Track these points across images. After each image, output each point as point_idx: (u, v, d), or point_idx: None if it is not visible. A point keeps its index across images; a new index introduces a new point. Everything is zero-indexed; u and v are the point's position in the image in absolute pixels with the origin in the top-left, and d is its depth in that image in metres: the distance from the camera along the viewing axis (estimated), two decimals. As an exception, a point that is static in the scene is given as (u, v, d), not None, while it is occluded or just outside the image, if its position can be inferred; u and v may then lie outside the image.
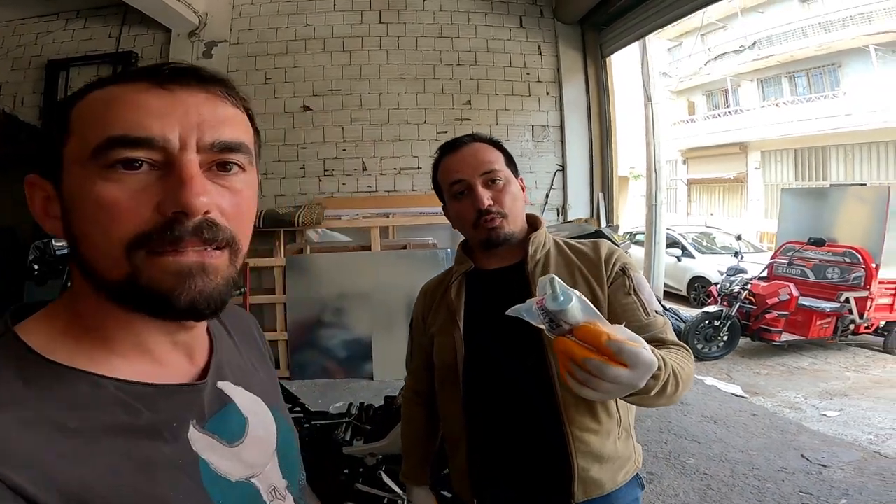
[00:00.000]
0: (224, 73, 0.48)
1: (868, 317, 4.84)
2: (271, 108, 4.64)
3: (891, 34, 12.10)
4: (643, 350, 0.59)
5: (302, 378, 4.01)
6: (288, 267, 4.25)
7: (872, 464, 2.66)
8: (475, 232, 0.98)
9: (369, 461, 1.48)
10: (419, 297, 1.12)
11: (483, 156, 0.98)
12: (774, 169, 15.49)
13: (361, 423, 1.65)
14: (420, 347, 1.09)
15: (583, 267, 0.98)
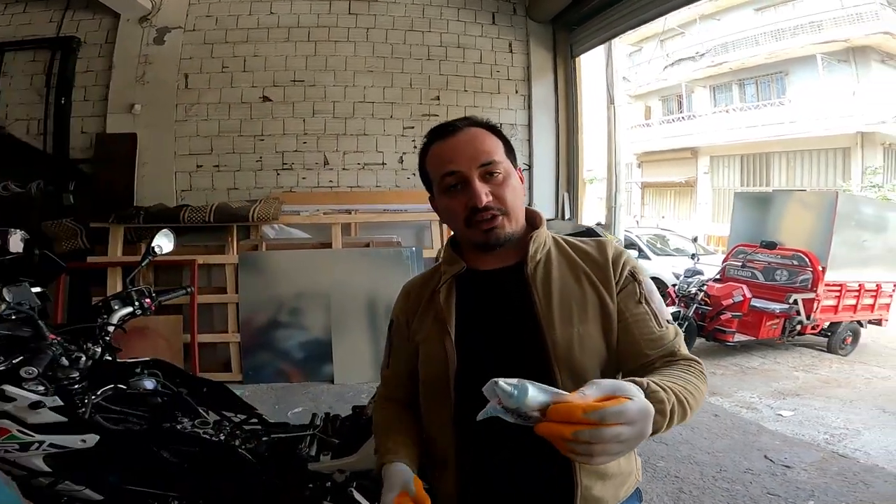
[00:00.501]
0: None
1: (814, 318, 5.08)
2: (227, 97, 4.37)
3: (838, 43, 12.86)
4: (629, 402, 0.56)
5: (256, 382, 3.77)
6: (241, 264, 3.98)
7: (833, 464, 2.75)
8: (469, 231, 0.86)
9: (338, 478, 1.33)
10: (400, 297, 1.00)
11: (481, 144, 0.85)
12: (722, 174, 16.25)
13: (328, 435, 1.48)
14: (400, 353, 0.97)
15: (588, 269, 0.88)
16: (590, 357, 0.82)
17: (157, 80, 4.26)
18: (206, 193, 4.35)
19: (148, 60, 4.26)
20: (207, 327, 3.94)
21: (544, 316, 0.82)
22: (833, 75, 13.23)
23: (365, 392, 3.58)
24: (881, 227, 5.67)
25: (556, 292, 0.84)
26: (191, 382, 1.58)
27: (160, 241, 1.77)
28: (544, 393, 0.57)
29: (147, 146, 4.24)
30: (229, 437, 1.35)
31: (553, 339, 0.81)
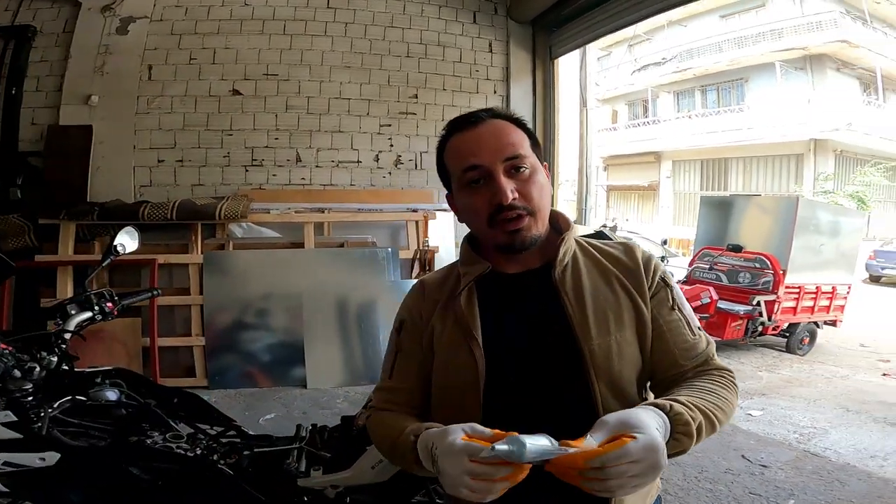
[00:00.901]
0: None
1: (775, 319, 5.27)
2: (194, 90, 4.17)
3: (796, 50, 13.49)
4: (630, 444, 0.57)
5: (223, 387, 3.57)
6: (206, 264, 3.78)
7: (807, 463, 2.81)
8: (492, 232, 0.79)
9: (329, 493, 1.24)
10: (415, 294, 0.90)
11: (506, 137, 0.79)
12: (683, 178, 16.85)
13: (317, 448, 1.38)
14: (410, 359, 0.86)
15: (619, 274, 0.82)
16: (627, 366, 0.77)
17: (117, 71, 4.02)
18: (168, 189, 4.13)
19: (109, 51, 4.01)
20: (169, 330, 3.72)
21: (578, 324, 0.77)
22: (790, 83, 13.90)
23: (340, 397, 3.46)
24: (835, 232, 5.95)
25: (588, 299, 0.79)
26: (159, 393, 1.45)
27: (123, 238, 1.62)
28: (542, 446, 0.58)
29: (103, 139, 3.98)
30: (206, 451, 1.23)
31: (590, 348, 0.76)
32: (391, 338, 0.91)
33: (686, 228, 13.17)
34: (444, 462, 0.62)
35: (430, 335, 0.84)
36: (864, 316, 6.96)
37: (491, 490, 0.59)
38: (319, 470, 1.26)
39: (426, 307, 0.87)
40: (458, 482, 0.60)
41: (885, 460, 2.87)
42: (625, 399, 0.76)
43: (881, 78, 13.66)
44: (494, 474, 0.59)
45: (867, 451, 3.00)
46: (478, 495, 0.60)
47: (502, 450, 0.57)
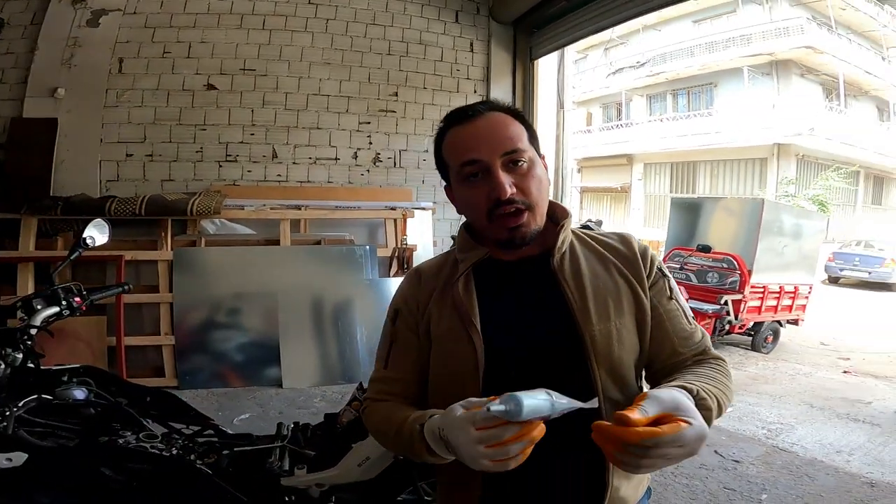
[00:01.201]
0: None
1: (741, 318, 5.44)
2: (167, 84, 4.05)
3: (764, 56, 13.95)
4: (687, 429, 0.57)
5: (194, 388, 3.46)
6: (176, 261, 3.66)
7: (777, 458, 2.90)
8: (491, 226, 0.80)
9: (314, 492, 1.22)
10: (409, 282, 0.89)
11: (504, 130, 0.79)
12: (654, 181, 17.25)
13: (300, 447, 1.36)
14: (406, 348, 0.84)
15: (617, 262, 0.84)
16: (627, 352, 0.79)
17: (86, 63, 3.87)
18: (136, 184, 4.00)
19: (78, 43, 3.85)
20: (136, 329, 3.60)
21: (579, 310, 0.78)
22: (757, 88, 14.38)
23: (318, 397, 3.41)
24: (798, 234, 6.18)
25: (588, 285, 0.80)
26: (131, 391, 1.41)
27: (92, 232, 1.57)
28: (540, 401, 0.57)
29: (69, 132, 3.83)
30: (183, 451, 1.20)
31: (591, 334, 0.76)
32: (385, 327, 0.89)
33: (656, 230, 13.48)
34: (454, 439, 0.61)
35: (426, 323, 0.83)
36: (824, 315, 7.24)
37: (508, 453, 0.58)
38: (304, 469, 1.24)
39: (422, 295, 0.85)
40: (473, 454, 0.59)
41: (851, 455, 2.98)
42: (624, 385, 0.78)
43: (843, 84, 14.25)
44: (503, 435, 0.57)
45: (832, 446, 3.11)
46: (499, 463, 0.59)
47: (498, 409, 0.56)
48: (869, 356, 5.56)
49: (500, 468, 0.59)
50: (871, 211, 16.57)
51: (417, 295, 0.86)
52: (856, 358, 5.50)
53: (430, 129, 4.63)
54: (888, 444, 3.17)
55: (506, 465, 0.59)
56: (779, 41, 13.54)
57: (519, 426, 0.57)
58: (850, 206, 15.69)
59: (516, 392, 0.56)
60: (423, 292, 0.86)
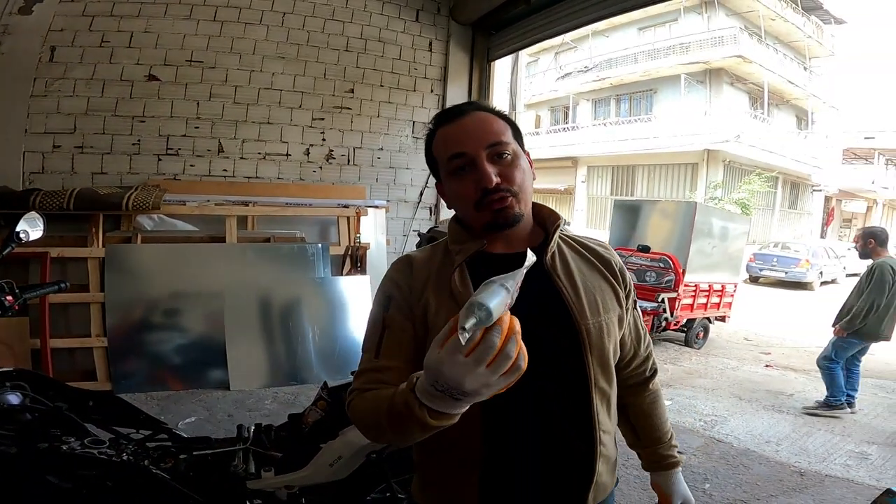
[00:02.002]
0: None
1: (676, 315, 5.79)
2: (103, 73, 3.79)
3: (700, 64, 14.81)
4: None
5: (130, 391, 3.23)
6: (108, 259, 3.43)
7: (714, 449, 3.11)
8: (478, 214, 0.83)
9: (282, 494, 1.19)
10: (402, 269, 0.87)
11: (488, 125, 0.84)
12: (596, 183, 17.96)
13: (265, 449, 1.32)
14: (400, 336, 0.81)
15: (600, 265, 0.91)
16: (611, 343, 0.86)
17: (14, 51, 3.56)
18: (63, 177, 3.72)
19: (7, 31, 3.53)
20: (62, 331, 3.36)
21: (575, 305, 0.83)
22: (692, 95, 15.28)
23: (268, 398, 3.32)
24: (725, 236, 6.66)
25: (580, 283, 0.86)
26: (71, 395, 1.32)
27: (25, 226, 1.47)
28: (500, 295, 0.55)
29: (-9, 122, 3.50)
30: (135, 456, 1.14)
31: (587, 327, 0.82)
32: (375, 316, 0.85)
33: (599, 231, 14.07)
34: (455, 380, 0.55)
35: (423, 309, 0.83)
36: (747, 313, 7.81)
37: (510, 355, 0.54)
38: (271, 471, 1.21)
39: (416, 282, 0.85)
40: (482, 381, 0.54)
41: (779, 445, 3.24)
42: (609, 375, 0.86)
43: (767, 93, 15.40)
44: (494, 343, 0.53)
45: (762, 436, 3.37)
46: (511, 371, 0.55)
47: (471, 323, 0.52)
48: (787, 351, 6.08)
49: (517, 375, 0.56)
50: (788, 214, 18.10)
51: (411, 282, 0.85)
52: (775, 353, 6.00)
53: (385, 127, 4.61)
54: (811, 434, 3.47)
55: (518, 370, 0.56)
56: (713, 50, 14.44)
57: (498, 326, 0.54)
58: (770, 210, 17.01)
59: (471, 299, 0.53)
60: (416, 279, 0.85)
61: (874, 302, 3.68)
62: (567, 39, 16.27)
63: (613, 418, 0.90)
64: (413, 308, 0.83)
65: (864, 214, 21.17)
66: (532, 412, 0.80)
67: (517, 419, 0.80)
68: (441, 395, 0.58)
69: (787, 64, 16.12)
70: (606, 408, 0.86)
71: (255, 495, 1.14)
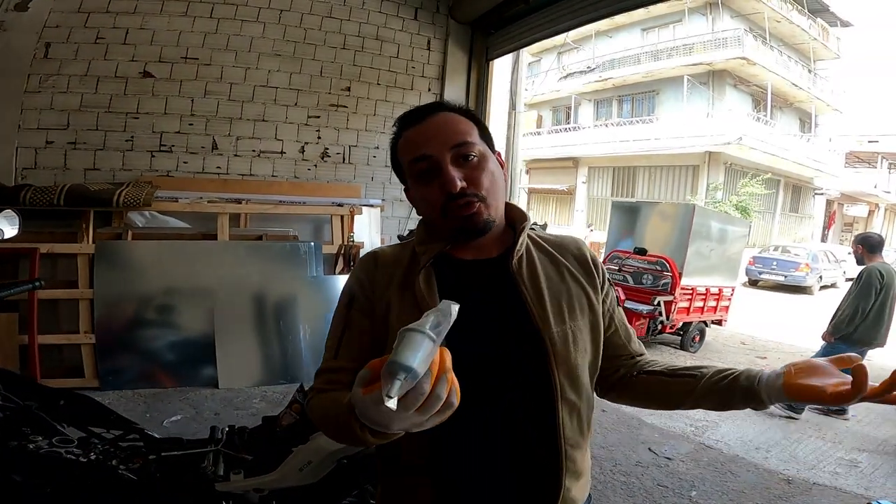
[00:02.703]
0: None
1: (672, 318, 5.77)
2: (97, 70, 3.77)
3: (703, 66, 14.73)
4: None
5: (118, 388, 3.26)
6: (98, 255, 3.42)
7: (703, 455, 3.09)
8: (445, 221, 0.80)
9: (253, 497, 1.18)
10: (366, 266, 0.85)
11: (453, 126, 0.80)
12: (597, 184, 17.93)
13: (236, 451, 1.31)
14: (360, 336, 0.80)
15: (571, 267, 0.86)
16: (581, 354, 0.82)
17: (8, 47, 3.55)
18: (56, 173, 3.71)
19: (3, 27, 3.53)
20: (51, 327, 3.35)
21: (538, 313, 0.79)
22: (695, 97, 15.22)
23: (257, 397, 3.31)
24: (723, 239, 6.64)
25: (545, 288, 0.82)
26: (43, 394, 1.32)
27: (1, 223, 1.45)
28: (425, 348, 0.50)
29: (-17, 118, 3.50)
30: (103, 456, 1.13)
31: (551, 336, 0.78)
32: (337, 315, 0.84)
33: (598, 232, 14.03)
34: (381, 422, 0.53)
35: (385, 308, 0.80)
36: (745, 316, 7.79)
37: (441, 397, 0.51)
38: (240, 473, 1.19)
39: (380, 279, 0.83)
40: (411, 424, 0.53)
41: (769, 452, 3.22)
42: (579, 387, 0.81)
43: (771, 95, 15.30)
44: (424, 390, 0.50)
45: (752, 442, 3.35)
46: (442, 411, 0.53)
47: (397, 389, 0.48)
48: (783, 355, 6.06)
49: (449, 412, 0.54)
50: (789, 218, 18.04)
51: (374, 279, 0.83)
52: (772, 357, 5.98)
53: (381, 125, 4.58)
54: (802, 440, 3.46)
55: (451, 407, 0.53)
56: (717, 52, 14.37)
57: (428, 370, 0.50)
58: (771, 213, 16.97)
59: (392, 358, 0.49)
60: (380, 276, 0.83)
61: (859, 307, 3.68)
62: (569, 40, 16.25)
63: (585, 431, 0.85)
64: (375, 307, 0.81)
65: (865, 219, 21.09)
66: (500, 425, 0.77)
67: (472, 425, 0.76)
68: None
69: (792, 66, 16.04)
70: (577, 421, 0.81)
71: (223, 497, 1.13)
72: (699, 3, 15.14)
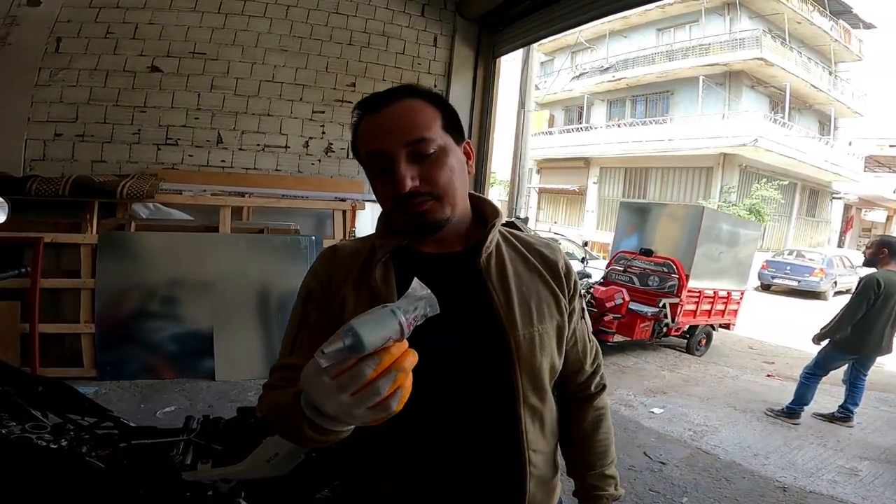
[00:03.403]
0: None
1: (678, 321, 5.69)
2: (106, 64, 3.83)
3: (719, 66, 14.47)
4: None
5: (115, 378, 3.29)
6: (101, 245, 3.46)
7: (699, 461, 3.03)
8: (397, 217, 0.78)
9: (222, 487, 1.17)
10: (324, 261, 0.83)
11: (412, 118, 0.75)
12: (608, 184, 17.76)
13: (207, 441, 1.31)
14: (315, 333, 0.77)
15: (541, 269, 0.84)
16: (546, 358, 0.79)
17: (20, 42, 3.62)
18: (63, 165, 3.78)
19: (15, 22, 3.60)
20: (53, 316, 3.40)
21: (505, 314, 0.77)
22: (710, 98, 14.98)
23: (252, 390, 3.34)
24: (734, 242, 6.52)
25: (514, 288, 0.79)
26: (21, 380, 1.33)
27: (-16, 211, 1.48)
28: (384, 328, 0.49)
29: (-7, 110, 3.57)
30: (73, 443, 1.15)
31: (516, 338, 0.76)
32: (295, 311, 0.82)
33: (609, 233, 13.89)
34: (318, 399, 0.52)
35: (340, 304, 0.78)
36: (755, 321, 7.67)
37: (379, 392, 0.49)
38: (208, 463, 1.19)
39: (337, 274, 0.81)
40: (343, 408, 0.51)
41: (767, 458, 3.16)
42: (541, 390, 0.79)
43: (789, 97, 14.98)
44: (364, 373, 0.48)
45: (751, 448, 3.29)
46: (378, 408, 0.51)
47: (334, 350, 0.48)
48: (792, 361, 5.94)
49: (383, 414, 0.51)
50: (805, 222, 17.70)
51: (331, 274, 0.81)
52: (780, 362, 5.87)
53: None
54: (802, 447, 3.39)
55: (387, 409, 0.51)
56: (735, 52, 14.11)
57: (377, 356, 0.49)
58: (786, 217, 16.65)
59: (353, 319, 0.49)
60: (337, 271, 0.81)
61: (847, 316, 3.62)
62: (583, 40, 16.10)
63: (549, 437, 0.83)
64: (330, 304, 0.79)
65: (884, 224, 20.61)
66: (469, 421, 0.75)
67: (452, 427, 0.75)
68: (316, 409, 0.54)
69: (812, 68, 15.70)
70: (539, 426, 0.80)
71: (188, 487, 1.13)
72: (716, 4, 14.89)
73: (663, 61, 15.53)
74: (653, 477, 2.76)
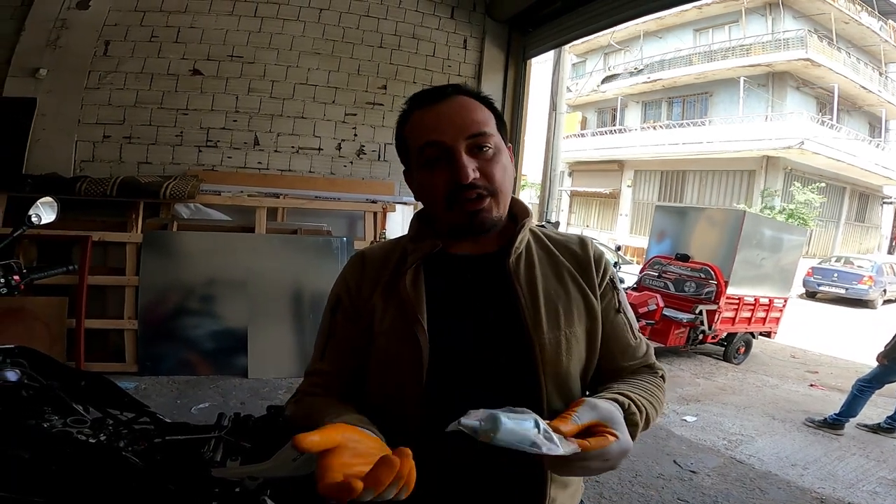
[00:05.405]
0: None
1: (715, 328, 5.49)
2: (151, 67, 3.99)
3: (761, 67, 13.93)
4: (613, 444, 0.60)
5: (154, 374, 3.40)
6: (146, 244, 3.59)
7: (732, 470, 2.92)
8: (449, 214, 0.75)
9: (249, 485, 1.18)
10: (354, 267, 0.82)
11: (471, 114, 0.75)
12: (643, 188, 17.32)
13: (237, 438, 1.32)
14: (345, 340, 0.78)
15: (571, 267, 0.81)
16: (574, 363, 0.76)
17: (71, 45, 3.81)
18: (111, 166, 3.95)
19: (65, 25, 3.80)
20: (98, 312, 3.54)
21: (531, 317, 0.74)
22: (751, 99, 14.43)
23: (283, 388, 3.39)
24: (776, 248, 6.24)
25: (541, 291, 0.77)
26: (65, 375, 1.38)
27: (38, 210, 1.53)
28: (520, 424, 0.53)
29: (47, 112, 3.75)
30: (112, 437, 1.17)
31: (541, 342, 0.74)
32: (324, 317, 0.83)
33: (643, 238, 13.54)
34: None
35: (369, 313, 0.78)
36: (799, 329, 7.34)
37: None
38: (237, 460, 1.21)
39: (366, 282, 0.80)
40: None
41: (805, 469, 3.02)
42: (569, 396, 0.76)
43: (837, 98, 14.27)
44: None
45: (788, 459, 3.15)
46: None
47: (470, 425, 0.53)
48: (837, 370, 5.66)
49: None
50: (854, 227, 16.82)
51: (361, 282, 0.80)
52: (824, 372, 5.59)
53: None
54: (844, 458, 3.22)
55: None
56: (778, 53, 13.56)
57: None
58: (834, 222, 15.87)
59: (497, 410, 0.53)
60: (366, 280, 0.80)
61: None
62: (615, 41, 15.76)
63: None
64: (360, 312, 0.79)
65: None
66: None
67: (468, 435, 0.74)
68: None
69: (861, 69, 14.91)
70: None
71: (216, 483, 1.14)
72: (757, 4, 14.33)
73: (702, 62, 15.05)
74: (682, 486, 2.68)
